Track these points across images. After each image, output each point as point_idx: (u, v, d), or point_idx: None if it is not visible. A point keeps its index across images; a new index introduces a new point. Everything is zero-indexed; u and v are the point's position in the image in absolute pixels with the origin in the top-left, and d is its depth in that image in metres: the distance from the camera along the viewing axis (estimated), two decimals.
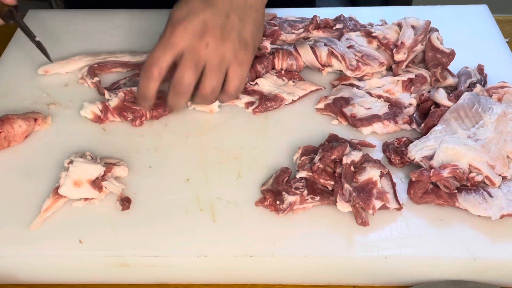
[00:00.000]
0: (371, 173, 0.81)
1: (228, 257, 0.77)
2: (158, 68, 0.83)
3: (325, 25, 1.08)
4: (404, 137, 0.88)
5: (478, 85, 0.92)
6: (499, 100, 0.90)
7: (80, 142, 0.91)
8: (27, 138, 0.92)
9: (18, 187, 0.85)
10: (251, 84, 1.00)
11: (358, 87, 0.98)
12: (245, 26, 0.86)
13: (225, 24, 0.84)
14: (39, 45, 0.99)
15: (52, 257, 0.77)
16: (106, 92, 0.97)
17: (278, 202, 0.80)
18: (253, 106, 0.96)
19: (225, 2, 0.84)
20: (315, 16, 1.08)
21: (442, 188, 0.81)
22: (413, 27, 1.01)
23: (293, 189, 0.81)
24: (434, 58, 0.98)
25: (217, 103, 0.96)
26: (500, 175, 0.81)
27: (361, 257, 0.76)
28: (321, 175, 0.81)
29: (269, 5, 0.93)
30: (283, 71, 1.02)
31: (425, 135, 0.87)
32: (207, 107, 0.96)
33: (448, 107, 0.88)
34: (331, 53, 1.00)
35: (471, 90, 0.91)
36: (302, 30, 1.07)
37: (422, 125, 0.90)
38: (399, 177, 0.85)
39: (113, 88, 1.00)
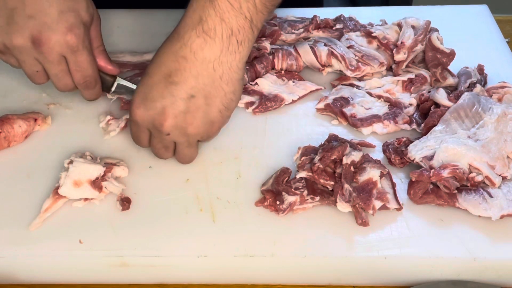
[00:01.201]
0: (371, 173, 0.81)
1: (228, 257, 0.77)
2: (141, 144, 0.85)
3: (325, 25, 1.08)
4: (404, 137, 0.88)
5: (478, 85, 0.92)
6: (499, 100, 0.90)
7: (80, 142, 0.91)
8: (27, 138, 0.92)
9: (18, 187, 0.85)
10: (251, 84, 1.00)
11: (358, 87, 0.98)
12: (212, 105, 0.78)
13: (188, 107, 0.77)
14: None
15: (52, 257, 0.77)
16: (108, 94, 0.97)
17: (278, 202, 0.80)
18: (253, 106, 0.97)
19: (188, 81, 0.76)
20: (315, 16, 1.08)
21: (442, 188, 0.81)
22: (413, 27, 1.01)
23: (293, 189, 0.81)
24: (434, 58, 0.98)
25: None
26: (500, 175, 0.81)
27: (361, 257, 0.76)
28: (321, 175, 0.81)
29: (281, 5, 0.91)
30: (283, 71, 1.02)
31: (425, 135, 0.87)
32: None
33: (448, 107, 0.88)
34: (331, 53, 1.00)
35: (471, 90, 0.91)
36: (302, 30, 1.07)
37: (422, 125, 0.90)
38: (399, 177, 0.85)
39: None
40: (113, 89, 0.94)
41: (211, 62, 0.77)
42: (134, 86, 0.92)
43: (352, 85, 0.99)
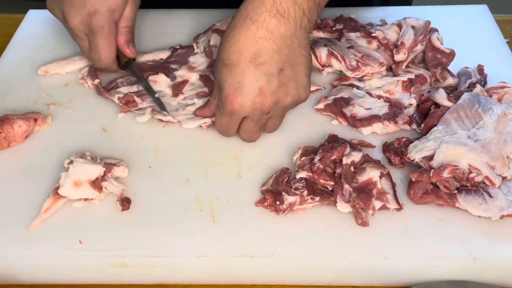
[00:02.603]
0: (371, 174, 0.81)
1: (228, 257, 0.77)
2: (230, 134, 0.90)
3: (325, 25, 1.08)
4: (404, 137, 0.88)
5: (478, 85, 0.92)
6: (499, 100, 0.90)
7: (80, 142, 0.91)
8: (27, 138, 0.92)
9: (18, 187, 0.85)
10: None
11: (358, 87, 0.98)
12: (299, 71, 0.83)
13: (280, 81, 0.82)
14: (158, 101, 0.97)
15: (52, 257, 0.77)
16: (107, 96, 0.98)
17: (278, 203, 0.80)
18: None
19: (274, 58, 0.81)
20: None
21: (442, 189, 0.81)
22: (413, 27, 1.01)
23: (293, 190, 0.81)
24: (434, 58, 0.98)
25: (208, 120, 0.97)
26: (500, 175, 0.81)
27: (361, 257, 0.76)
28: (321, 176, 0.81)
29: None
30: None
31: (425, 135, 0.87)
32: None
33: (448, 107, 0.88)
34: (331, 53, 1.00)
35: (471, 90, 0.91)
36: None
37: (422, 125, 0.90)
38: (399, 177, 0.85)
39: (111, 87, 1.00)
40: (127, 70, 1.02)
41: (288, 37, 0.81)
42: (140, 77, 1.01)
43: (352, 85, 0.99)
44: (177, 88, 0.99)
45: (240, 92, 0.81)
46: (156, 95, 0.98)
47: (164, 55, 1.06)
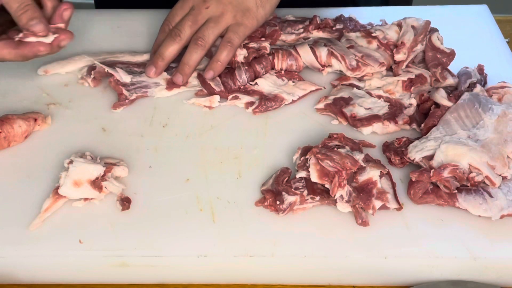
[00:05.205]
0: (371, 173, 0.81)
1: (228, 257, 0.77)
2: (176, 18, 1.00)
3: (325, 25, 1.08)
4: (404, 137, 0.88)
5: (478, 85, 0.92)
6: (499, 100, 0.90)
7: (80, 142, 0.91)
8: (27, 138, 0.92)
9: (18, 187, 0.85)
10: (250, 84, 1.00)
11: (358, 87, 0.99)
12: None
13: None
14: None
15: (52, 257, 0.77)
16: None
17: (278, 202, 0.80)
18: (253, 106, 0.97)
19: None
20: (314, 16, 1.08)
21: (442, 188, 0.81)
22: (413, 27, 1.01)
23: (293, 189, 0.81)
24: (434, 58, 0.98)
25: (217, 98, 0.97)
26: (500, 175, 0.81)
27: (361, 257, 0.76)
28: None
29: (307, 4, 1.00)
30: (282, 71, 1.02)
31: (425, 135, 0.87)
32: (207, 102, 0.97)
33: (448, 107, 0.88)
34: (331, 54, 1.00)
35: (471, 90, 0.91)
36: (302, 30, 1.07)
37: (422, 125, 0.90)
38: (399, 177, 0.85)
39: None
40: None
41: None
42: None
43: (352, 85, 0.99)
44: (172, 82, 1.00)
45: None
46: None
47: None
